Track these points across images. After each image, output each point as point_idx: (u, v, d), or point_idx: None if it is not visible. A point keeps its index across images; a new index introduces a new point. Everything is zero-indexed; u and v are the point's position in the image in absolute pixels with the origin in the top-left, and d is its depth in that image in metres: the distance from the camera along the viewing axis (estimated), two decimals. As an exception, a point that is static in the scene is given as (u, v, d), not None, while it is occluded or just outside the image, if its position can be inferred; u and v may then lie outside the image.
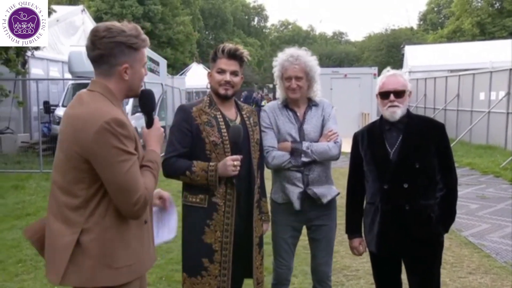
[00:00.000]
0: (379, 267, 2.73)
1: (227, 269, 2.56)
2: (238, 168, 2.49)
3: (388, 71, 2.65)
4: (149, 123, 1.99)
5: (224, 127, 2.57)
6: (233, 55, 2.59)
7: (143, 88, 1.96)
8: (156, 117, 2.03)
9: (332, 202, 2.99)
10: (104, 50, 1.78)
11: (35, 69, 13.39)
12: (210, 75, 2.67)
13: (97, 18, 23.65)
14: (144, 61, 1.90)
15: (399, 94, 2.53)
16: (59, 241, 1.76)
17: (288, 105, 2.95)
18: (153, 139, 1.95)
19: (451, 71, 18.42)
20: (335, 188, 3.01)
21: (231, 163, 2.46)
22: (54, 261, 1.77)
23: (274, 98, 18.89)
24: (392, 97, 2.53)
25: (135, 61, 1.84)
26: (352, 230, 2.80)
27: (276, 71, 2.94)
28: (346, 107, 14.83)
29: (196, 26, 41.87)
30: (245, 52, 2.63)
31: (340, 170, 2.76)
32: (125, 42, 1.80)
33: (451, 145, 12.23)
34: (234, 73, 2.61)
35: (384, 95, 2.56)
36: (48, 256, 1.81)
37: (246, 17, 61.49)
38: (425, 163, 2.52)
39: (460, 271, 4.37)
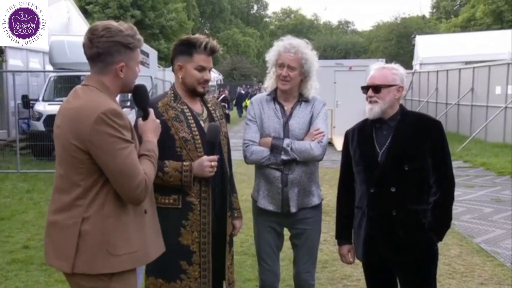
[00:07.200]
0: (370, 276, 2.69)
1: (207, 270, 2.58)
2: (215, 169, 2.49)
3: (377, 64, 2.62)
4: (145, 116, 2.17)
5: (193, 121, 2.60)
6: (213, 52, 2.61)
7: (136, 83, 2.15)
8: (150, 110, 2.20)
9: (318, 205, 2.97)
10: (102, 49, 1.97)
11: (13, 60, 13.15)
12: (180, 68, 2.62)
13: (81, 7, 23.51)
14: (138, 60, 2.10)
15: (376, 89, 2.50)
16: (64, 231, 1.96)
17: (276, 98, 2.93)
18: (149, 131, 2.15)
19: (465, 63, 18.34)
20: (320, 192, 2.99)
21: (208, 163, 2.48)
22: (63, 251, 1.96)
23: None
24: (370, 92, 2.51)
25: (131, 59, 2.04)
26: (341, 236, 2.74)
27: (271, 57, 2.91)
28: (350, 101, 14.73)
29: (191, 14, 41.79)
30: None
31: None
32: (122, 42, 1.99)
33: (465, 143, 12.03)
34: (210, 70, 2.67)
35: (364, 89, 2.56)
36: (56, 247, 2.00)
37: (245, 4, 61.46)
38: (416, 165, 2.47)
39: (471, 281, 4.30)
